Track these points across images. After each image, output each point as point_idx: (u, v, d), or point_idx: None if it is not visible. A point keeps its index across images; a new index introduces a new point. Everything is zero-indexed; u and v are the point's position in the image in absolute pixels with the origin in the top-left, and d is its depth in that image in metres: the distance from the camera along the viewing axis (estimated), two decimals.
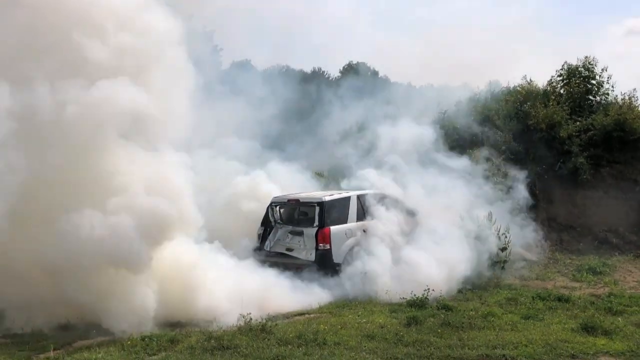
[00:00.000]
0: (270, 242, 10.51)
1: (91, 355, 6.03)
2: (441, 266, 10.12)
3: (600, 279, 11.43)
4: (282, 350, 6.25)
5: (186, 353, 6.18)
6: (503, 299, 9.28)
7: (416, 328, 7.33)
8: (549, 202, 15.28)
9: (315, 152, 16.87)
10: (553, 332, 7.27)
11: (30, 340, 6.79)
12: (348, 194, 10.59)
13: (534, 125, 15.56)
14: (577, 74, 17.17)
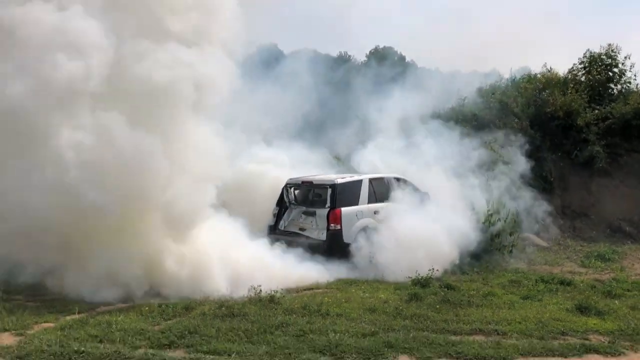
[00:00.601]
0: (285, 221, 10.96)
1: (112, 318, 6.59)
2: (448, 248, 10.51)
3: (608, 265, 11.64)
4: (287, 319, 6.72)
5: (199, 319, 6.69)
6: (506, 281, 9.61)
7: (416, 304, 7.73)
8: (564, 190, 15.42)
9: (336, 136, 17.11)
10: (548, 311, 7.60)
11: (59, 304, 7.38)
12: (360, 177, 10.97)
13: (552, 112, 15.67)
14: (599, 61, 17.15)
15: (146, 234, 7.87)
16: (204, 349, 5.79)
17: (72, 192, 7.30)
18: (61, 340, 5.77)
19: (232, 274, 8.36)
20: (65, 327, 6.27)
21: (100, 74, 7.71)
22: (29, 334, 6.06)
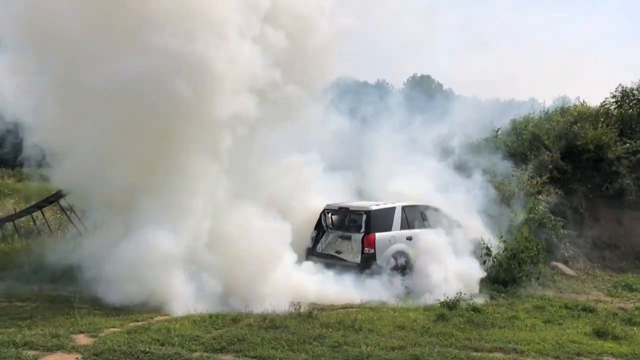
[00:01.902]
0: (322, 244, 11.74)
1: (170, 325, 7.49)
2: (476, 275, 11.13)
3: (635, 295, 11.96)
4: (323, 332, 7.49)
5: (246, 329, 7.52)
6: (531, 307, 10.11)
7: (442, 323, 8.38)
8: (594, 221, 15.80)
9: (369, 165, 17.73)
10: (566, 334, 8.14)
11: (121, 313, 8.33)
12: (393, 205, 11.69)
13: (583, 145, 16.09)
14: (630, 96, 17.57)
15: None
16: (251, 354, 6.61)
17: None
18: (129, 342, 6.68)
19: (276, 291, 9.18)
20: (131, 331, 7.19)
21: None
22: (101, 336, 7.00)
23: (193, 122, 9.31)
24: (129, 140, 9.25)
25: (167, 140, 9.27)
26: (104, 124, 9.25)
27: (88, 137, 9.41)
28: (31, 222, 16.17)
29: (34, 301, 9.08)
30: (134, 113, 9.07)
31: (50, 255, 11.83)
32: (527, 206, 13.96)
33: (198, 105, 9.19)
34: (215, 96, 9.37)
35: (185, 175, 9.40)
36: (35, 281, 10.44)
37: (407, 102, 23.85)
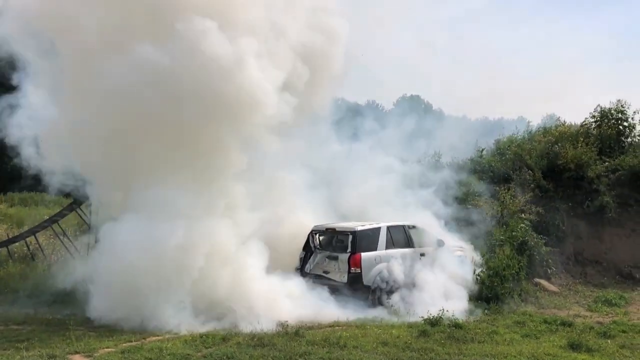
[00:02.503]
0: (310, 264, 12.09)
1: (162, 345, 7.81)
2: (459, 292, 11.51)
3: (613, 310, 12.34)
4: (309, 349, 7.83)
5: (235, 347, 7.84)
6: (511, 322, 10.47)
7: (424, 339, 8.73)
8: (576, 238, 16.21)
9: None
10: (542, 347, 8.51)
11: (114, 333, 8.64)
12: (379, 225, 12.08)
13: (564, 165, 16.58)
14: (609, 116, 18.15)
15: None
16: None
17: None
18: None
19: (264, 311, 9.52)
20: (125, 351, 7.51)
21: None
22: (96, 356, 7.32)
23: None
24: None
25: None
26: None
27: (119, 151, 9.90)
28: (25, 247, 16.43)
29: (30, 324, 9.39)
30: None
31: (45, 279, 12.16)
32: (510, 224, 14.40)
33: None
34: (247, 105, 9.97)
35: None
36: (30, 305, 10.73)
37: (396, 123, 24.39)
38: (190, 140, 9.82)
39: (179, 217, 9.40)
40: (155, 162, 9.82)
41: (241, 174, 10.57)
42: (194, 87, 9.45)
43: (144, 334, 8.63)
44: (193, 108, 9.51)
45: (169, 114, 9.52)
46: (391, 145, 20.20)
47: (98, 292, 9.68)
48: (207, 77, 9.50)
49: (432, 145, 20.69)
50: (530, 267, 14.02)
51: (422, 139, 21.49)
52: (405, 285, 11.59)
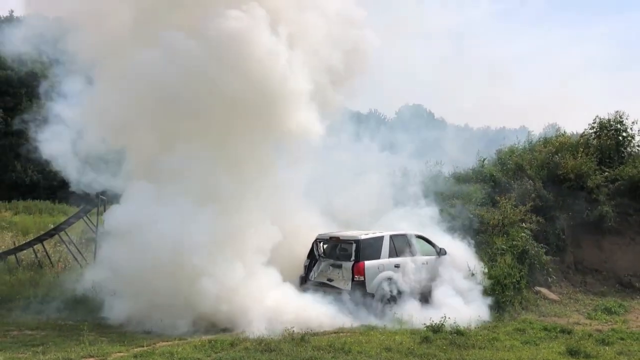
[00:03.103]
0: (315, 272, 12.33)
1: (172, 349, 8.06)
2: (460, 299, 11.74)
3: (613, 318, 12.56)
4: (315, 354, 8.08)
5: (243, 352, 8.10)
6: (512, 329, 10.70)
7: (427, 345, 8.97)
8: (576, 247, 16.43)
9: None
10: (541, 353, 8.75)
11: (125, 338, 8.89)
12: (382, 234, 12.34)
13: (564, 175, 16.82)
14: (608, 127, 18.40)
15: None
16: None
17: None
18: None
19: (271, 317, 9.77)
20: (137, 355, 7.77)
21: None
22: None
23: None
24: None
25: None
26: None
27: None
28: (32, 254, 16.71)
29: (43, 330, 9.64)
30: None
31: (54, 286, 12.42)
32: (511, 233, 14.63)
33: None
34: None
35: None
36: (42, 311, 10.97)
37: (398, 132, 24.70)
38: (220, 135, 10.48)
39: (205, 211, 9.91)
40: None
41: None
42: (227, 81, 10.06)
43: (155, 339, 8.86)
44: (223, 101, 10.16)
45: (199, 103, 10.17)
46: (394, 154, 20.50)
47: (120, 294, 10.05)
48: (241, 71, 10.12)
49: (434, 154, 20.97)
50: (530, 275, 14.25)
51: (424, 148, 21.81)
52: (407, 292, 11.81)
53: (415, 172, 20.07)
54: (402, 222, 14.22)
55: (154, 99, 10.26)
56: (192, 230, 9.62)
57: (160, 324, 9.35)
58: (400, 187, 18.05)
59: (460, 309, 11.61)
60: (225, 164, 10.44)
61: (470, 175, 18.44)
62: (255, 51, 10.13)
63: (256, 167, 10.94)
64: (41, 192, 36.51)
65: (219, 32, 9.98)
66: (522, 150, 19.34)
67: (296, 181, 13.29)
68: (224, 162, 10.46)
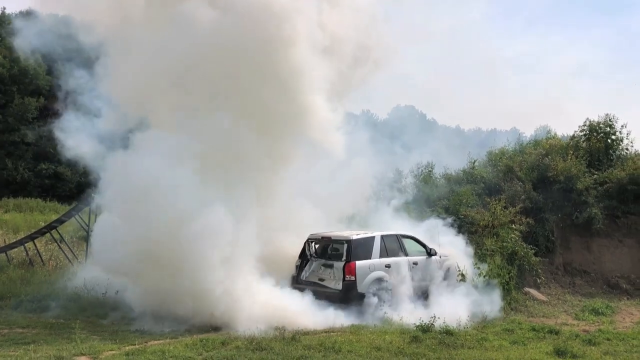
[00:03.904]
0: (306, 272, 12.40)
1: (164, 348, 8.10)
2: (450, 299, 11.86)
3: (600, 319, 12.72)
4: (305, 353, 8.15)
5: (234, 351, 8.16)
6: (501, 330, 10.82)
7: (416, 345, 9.06)
8: (565, 248, 16.62)
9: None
10: (529, 353, 8.87)
11: (116, 337, 8.93)
12: (373, 234, 12.42)
13: (553, 177, 16.98)
14: (597, 129, 18.60)
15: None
16: None
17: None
18: None
19: (262, 316, 9.83)
20: (129, 353, 7.81)
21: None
22: (101, 358, 7.60)
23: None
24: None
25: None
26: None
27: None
28: (23, 252, 16.67)
29: (34, 328, 9.65)
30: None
31: (45, 284, 12.42)
32: (501, 234, 14.77)
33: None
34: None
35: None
36: (32, 309, 10.97)
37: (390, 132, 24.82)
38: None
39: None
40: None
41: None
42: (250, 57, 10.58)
43: (146, 337, 8.91)
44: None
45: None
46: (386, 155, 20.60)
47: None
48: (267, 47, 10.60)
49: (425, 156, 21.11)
50: (520, 276, 14.41)
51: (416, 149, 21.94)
52: (397, 292, 11.91)
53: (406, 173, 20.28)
54: (393, 222, 14.39)
55: (175, 71, 10.62)
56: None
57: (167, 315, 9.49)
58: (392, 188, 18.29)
59: (450, 309, 11.73)
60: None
61: (461, 176, 18.62)
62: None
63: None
64: (32, 190, 36.40)
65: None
66: (512, 152, 19.52)
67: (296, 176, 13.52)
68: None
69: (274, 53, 10.75)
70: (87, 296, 11.49)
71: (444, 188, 17.49)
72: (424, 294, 12.35)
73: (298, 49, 10.97)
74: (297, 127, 11.78)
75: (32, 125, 37.31)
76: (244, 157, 10.85)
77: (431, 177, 19.85)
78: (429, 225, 14.17)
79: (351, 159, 19.00)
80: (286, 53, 10.86)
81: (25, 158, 37.51)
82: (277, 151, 11.60)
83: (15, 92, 36.94)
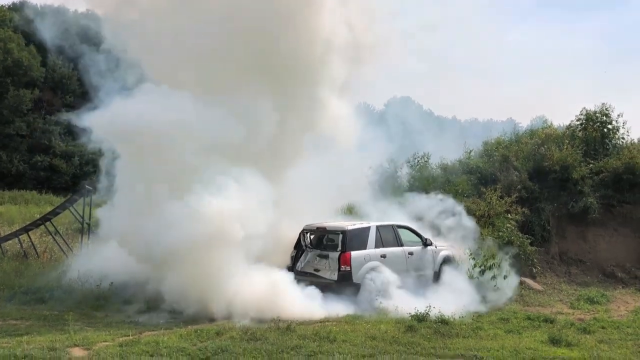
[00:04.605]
0: (301, 263, 12.37)
1: (158, 339, 8.07)
2: (445, 289, 11.86)
3: (595, 307, 12.74)
4: (300, 342, 8.14)
5: (229, 341, 8.14)
6: (496, 319, 10.83)
7: (411, 334, 9.06)
8: (561, 238, 16.62)
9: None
10: (524, 342, 8.87)
11: (110, 328, 8.91)
12: (368, 224, 12.40)
13: (549, 166, 16.93)
14: (594, 119, 18.55)
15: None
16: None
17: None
18: (121, 354, 7.28)
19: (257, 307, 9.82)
20: (123, 344, 7.77)
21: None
22: (95, 349, 7.58)
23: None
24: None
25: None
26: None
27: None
28: (17, 245, 16.61)
29: (28, 319, 9.62)
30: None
31: (40, 276, 12.38)
32: (496, 224, 14.77)
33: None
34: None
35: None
36: (26, 301, 10.94)
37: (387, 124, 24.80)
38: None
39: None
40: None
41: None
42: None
43: (140, 328, 8.89)
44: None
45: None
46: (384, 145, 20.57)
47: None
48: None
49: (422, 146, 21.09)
50: (515, 266, 14.37)
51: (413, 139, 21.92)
52: (392, 282, 11.88)
53: (402, 163, 20.25)
54: (389, 212, 14.37)
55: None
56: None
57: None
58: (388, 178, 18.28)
59: (445, 299, 11.73)
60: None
61: (457, 166, 18.59)
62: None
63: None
64: (27, 182, 36.28)
65: None
66: (508, 142, 19.47)
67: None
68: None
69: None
70: (81, 288, 11.44)
71: (440, 178, 17.45)
72: (420, 284, 12.32)
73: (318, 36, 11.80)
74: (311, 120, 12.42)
75: (27, 117, 37.18)
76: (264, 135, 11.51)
77: (427, 167, 19.82)
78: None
79: (349, 149, 19.07)
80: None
81: (20, 150, 37.37)
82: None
83: (9, 84, 36.71)
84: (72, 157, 38.26)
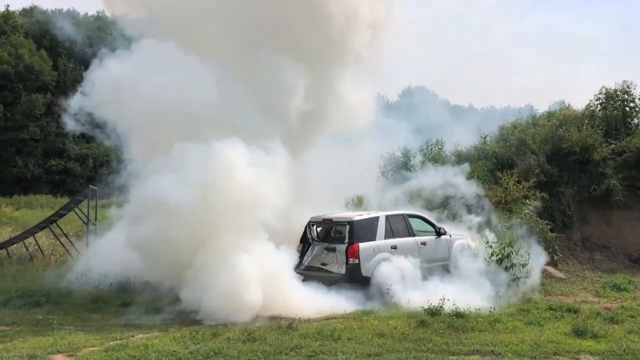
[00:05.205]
0: (308, 257, 11.78)
1: (148, 342, 7.56)
2: (460, 280, 11.18)
3: (622, 295, 11.95)
4: (301, 342, 7.54)
5: (224, 343, 7.57)
6: (515, 310, 10.12)
7: (422, 329, 8.41)
8: (583, 223, 15.82)
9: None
10: (545, 335, 8.17)
11: (102, 331, 8.42)
12: (377, 215, 11.76)
13: (568, 148, 16.11)
14: (614, 97, 17.67)
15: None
16: None
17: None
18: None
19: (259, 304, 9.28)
20: (109, 349, 7.27)
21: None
22: (79, 355, 7.08)
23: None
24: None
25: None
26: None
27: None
28: (24, 248, 16.35)
29: (19, 325, 9.18)
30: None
31: (39, 280, 12.00)
32: (514, 210, 14.04)
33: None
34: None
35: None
36: (21, 305, 10.55)
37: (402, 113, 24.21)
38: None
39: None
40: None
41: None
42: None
43: (134, 331, 8.39)
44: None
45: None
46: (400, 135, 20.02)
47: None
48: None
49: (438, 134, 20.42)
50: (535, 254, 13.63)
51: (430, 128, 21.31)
52: (404, 275, 11.24)
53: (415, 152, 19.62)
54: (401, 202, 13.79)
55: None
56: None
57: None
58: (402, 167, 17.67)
59: (460, 290, 11.06)
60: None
61: (472, 152, 17.85)
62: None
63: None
64: (43, 186, 36.32)
65: None
66: (525, 125, 18.69)
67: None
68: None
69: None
70: (79, 290, 11.02)
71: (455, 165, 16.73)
72: (434, 276, 11.64)
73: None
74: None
75: (40, 121, 37.19)
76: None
77: (441, 155, 19.10)
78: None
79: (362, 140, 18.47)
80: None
81: (35, 155, 37.44)
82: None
83: (21, 89, 36.74)
84: (86, 159, 38.27)
